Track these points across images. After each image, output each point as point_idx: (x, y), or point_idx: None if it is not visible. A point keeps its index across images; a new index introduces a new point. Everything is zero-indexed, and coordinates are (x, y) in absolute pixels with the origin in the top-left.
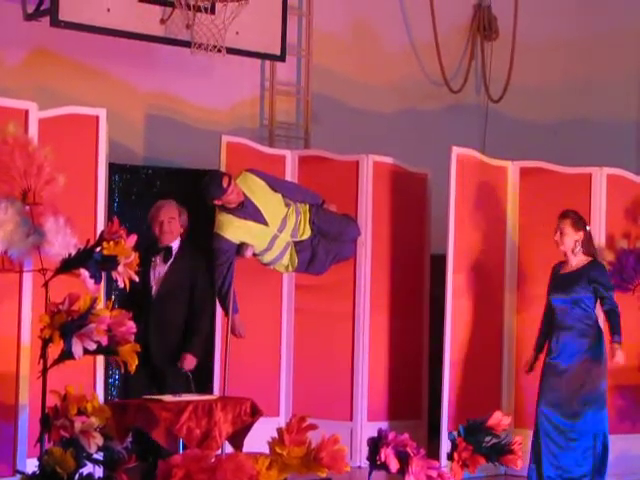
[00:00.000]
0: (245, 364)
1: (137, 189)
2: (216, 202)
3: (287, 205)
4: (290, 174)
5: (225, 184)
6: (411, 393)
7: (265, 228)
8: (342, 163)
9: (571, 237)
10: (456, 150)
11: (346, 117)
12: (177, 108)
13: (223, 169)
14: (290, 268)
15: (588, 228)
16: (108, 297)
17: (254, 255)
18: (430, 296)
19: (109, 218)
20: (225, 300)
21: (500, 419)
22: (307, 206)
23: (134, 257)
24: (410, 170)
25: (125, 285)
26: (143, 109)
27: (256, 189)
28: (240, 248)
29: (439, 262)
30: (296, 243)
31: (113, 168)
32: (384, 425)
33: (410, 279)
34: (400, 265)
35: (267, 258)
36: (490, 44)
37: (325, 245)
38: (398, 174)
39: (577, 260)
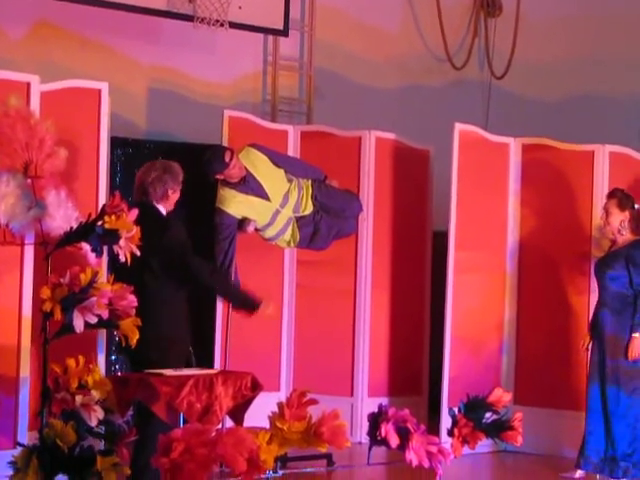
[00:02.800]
0: (246, 339)
1: (139, 163)
2: (218, 177)
3: (289, 180)
4: (292, 149)
5: (227, 158)
6: (412, 369)
7: (267, 203)
8: (344, 139)
9: (617, 217)
10: (459, 126)
11: (349, 93)
12: (179, 82)
13: (225, 144)
14: (292, 244)
15: (637, 206)
16: (109, 271)
17: (256, 230)
18: (431, 273)
19: (111, 192)
20: (226, 277)
21: (500, 395)
22: (310, 181)
23: (136, 231)
24: (412, 146)
25: (126, 259)
26: (145, 83)
27: (258, 164)
28: (242, 223)
29: (441, 239)
30: (298, 218)
31: (115, 142)
32: (384, 401)
33: (412, 256)
34: (402, 242)
35: (269, 233)
36: (493, 20)
37: (327, 221)
38: (400, 150)
39: (623, 239)
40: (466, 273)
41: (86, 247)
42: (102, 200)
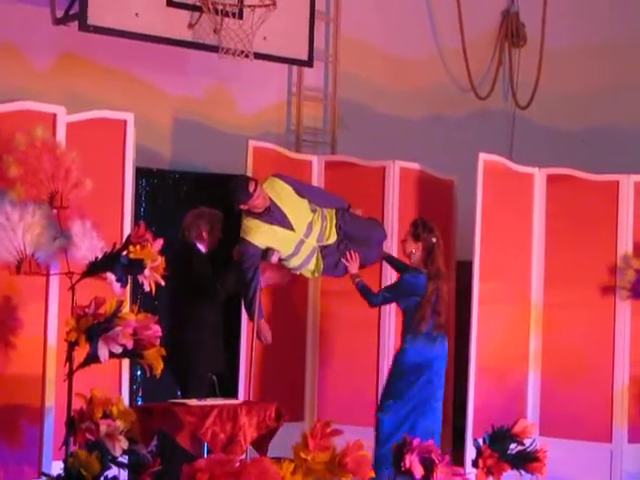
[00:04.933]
0: (270, 369)
1: (164, 193)
2: (242, 207)
3: (313, 211)
4: (316, 179)
5: (251, 189)
6: None
7: (291, 233)
8: (368, 169)
9: (409, 245)
10: (483, 156)
11: (373, 123)
12: (205, 112)
13: (249, 174)
14: (316, 273)
15: (434, 240)
16: (134, 301)
17: (280, 260)
18: (456, 303)
19: (136, 222)
20: (251, 305)
21: (526, 426)
22: (333, 211)
23: (160, 261)
24: (437, 176)
25: (151, 289)
26: (170, 113)
27: (282, 194)
28: (266, 253)
29: (465, 269)
30: (322, 248)
31: (140, 172)
32: None
33: None
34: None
35: (294, 263)
36: (518, 50)
37: (351, 249)
38: (424, 180)
39: None
40: (491, 304)
41: (111, 277)
42: (127, 230)
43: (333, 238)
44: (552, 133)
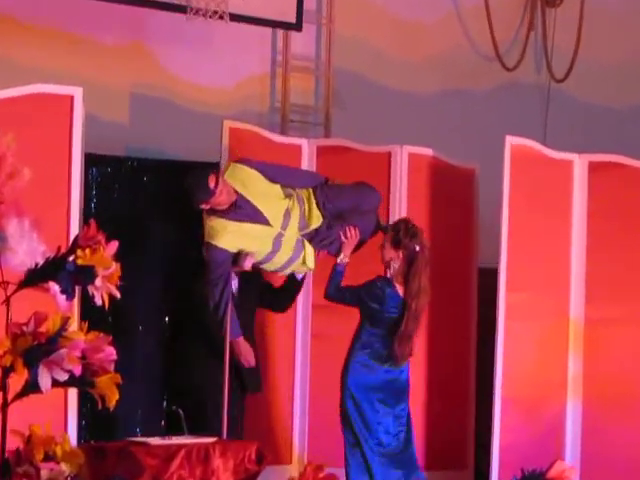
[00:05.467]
0: (251, 400)
1: (120, 185)
2: (203, 206)
3: (288, 196)
4: (307, 167)
5: (212, 184)
6: (454, 437)
7: (266, 228)
8: (370, 155)
9: (387, 253)
10: (511, 140)
11: (376, 99)
12: (170, 87)
13: (225, 161)
14: (310, 263)
15: (417, 247)
16: (83, 317)
17: (257, 265)
18: (477, 319)
19: (85, 220)
20: (223, 322)
21: (563, 470)
22: (310, 190)
23: (115, 268)
24: (454, 164)
25: (103, 303)
26: (128, 88)
27: (249, 182)
28: (237, 258)
29: (489, 277)
30: (311, 236)
31: (90, 159)
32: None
33: (453, 298)
34: (441, 280)
35: (277, 262)
36: (553, 11)
37: (345, 226)
38: (439, 169)
39: None
40: (520, 319)
41: (55, 288)
42: (74, 231)
43: (317, 221)
44: (595, 111)
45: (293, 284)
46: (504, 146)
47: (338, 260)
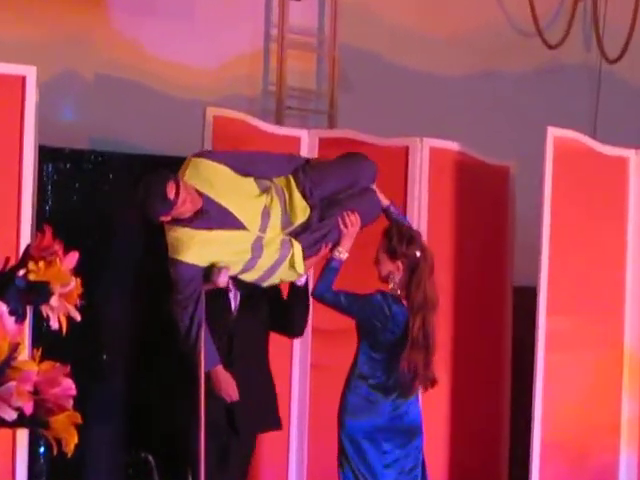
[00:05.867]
0: None
1: (80, 183)
2: (163, 219)
3: (265, 190)
4: None
5: (171, 193)
6: None
7: (242, 233)
8: (384, 150)
9: (385, 266)
10: (553, 132)
11: (391, 82)
12: (141, 67)
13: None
14: (299, 267)
15: (418, 254)
16: (35, 343)
17: (236, 276)
18: (512, 348)
19: (38, 226)
20: (195, 349)
21: None
22: (289, 176)
23: (75, 284)
24: (485, 161)
25: (60, 326)
26: (92, 68)
27: (217, 181)
28: (209, 273)
29: (526, 297)
30: (301, 233)
31: (46, 153)
32: None
33: (482, 322)
34: (466, 302)
35: (259, 268)
36: None
37: (339, 212)
38: (467, 167)
39: None
40: (563, 349)
41: (1, 308)
42: (25, 239)
43: (304, 214)
44: None
45: (295, 294)
46: (545, 139)
47: (335, 254)
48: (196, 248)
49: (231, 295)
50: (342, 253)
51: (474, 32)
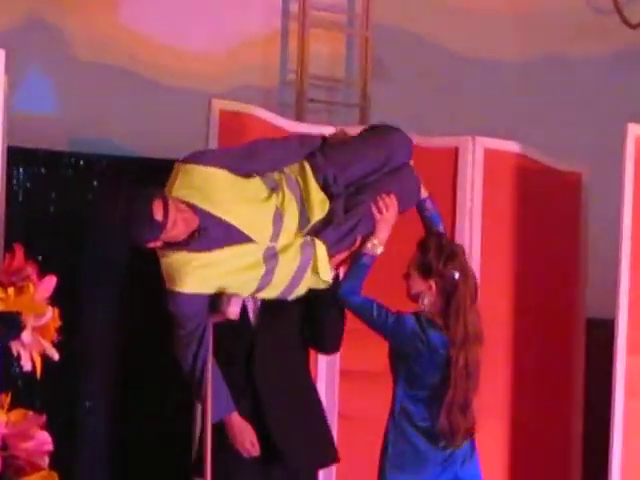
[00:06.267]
0: None
1: (58, 192)
2: (153, 245)
3: (273, 188)
4: None
5: (158, 214)
6: None
7: (249, 247)
8: (428, 151)
9: (417, 284)
10: (635, 130)
11: (435, 70)
12: (134, 53)
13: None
14: (324, 274)
15: (457, 275)
16: (4, 388)
17: (255, 293)
18: (585, 392)
19: (7, 245)
20: (199, 391)
21: None
22: (303, 161)
23: (51, 315)
24: (551, 166)
25: (34, 367)
26: (72, 53)
27: (213, 189)
28: (216, 302)
29: (602, 332)
30: (322, 229)
31: (16, 155)
32: None
33: (549, 360)
34: (530, 333)
35: (280, 284)
36: None
37: (370, 198)
38: (529, 172)
39: None
40: None
41: None
42: None
43: (322, 207)
44: None
45: (322, 297)
46: (625, 139)
47: (368, 247)
48: (195, 275)
49: (248, 304)
50: (377, 246)
51: (536, 8)
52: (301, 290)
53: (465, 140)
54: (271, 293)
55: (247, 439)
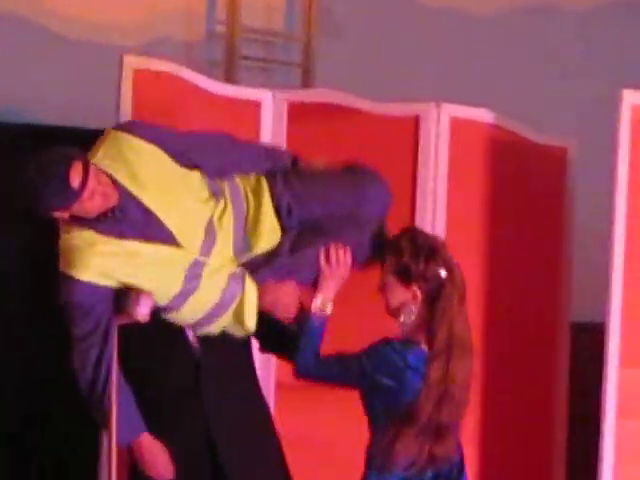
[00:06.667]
0: None
1: None
2: (58, 215)
3: (215, 193)
4: (270, 136)
5: (75, 179)
6: None
7: (172, 251)
8: (382, 119)
9: (396, 293)
10: (631, 97)
11: (395, 23)
12: (34, 3)
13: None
14: (249, 320)
15: (444, 273)
16: None
17: (162, 311)
18: (568, 407)
19: None
20: (100, 409)
21: None
22: (261, 178)
23: None
24: (530, 138)
25: None
26: None
27: (143, 167)
28: (124, 299)
29: (589, 338)
30: (260, 267)
31: None
32: None
33: (526, 369)
34: (504, 339)
35: (192, 311)
36: None
37: (324, 243)
38: (505, 146)
39: None
40: None
41: None
42: None
43: (270, 238)
44: None
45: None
46: (619, 106)
47: (313, 307)
48: (97, 261)
49: (188, 332)
50: (325, 304)
51: None
52: (214, 328)
53: (428, 107)
54: (179, 317)
55: (159, 462)
